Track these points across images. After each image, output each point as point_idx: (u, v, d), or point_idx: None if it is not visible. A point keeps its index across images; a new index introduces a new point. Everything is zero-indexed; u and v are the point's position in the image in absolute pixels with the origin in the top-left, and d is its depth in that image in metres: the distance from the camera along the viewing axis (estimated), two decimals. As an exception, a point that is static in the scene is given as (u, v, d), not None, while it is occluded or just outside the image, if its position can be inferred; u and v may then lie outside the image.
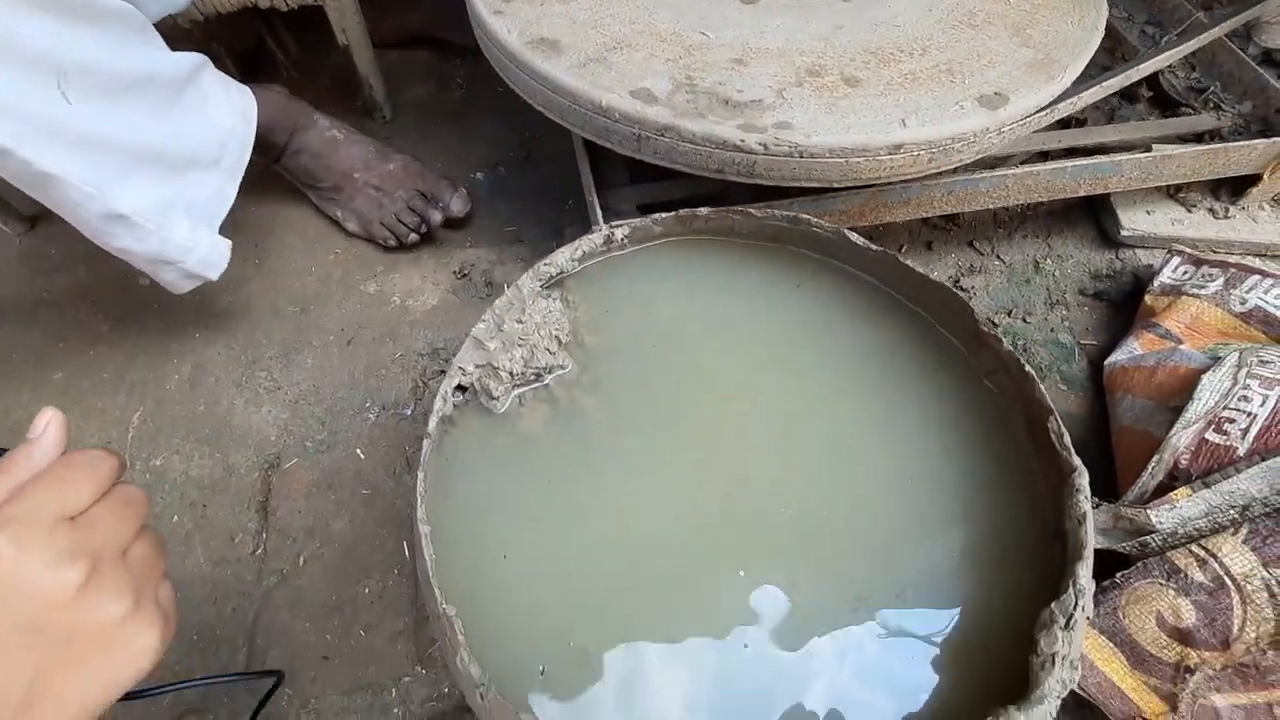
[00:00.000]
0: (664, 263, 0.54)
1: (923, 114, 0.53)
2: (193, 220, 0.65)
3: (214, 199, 0.67)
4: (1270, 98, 0.75)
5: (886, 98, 0.54)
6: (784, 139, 0.52)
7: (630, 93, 0.55)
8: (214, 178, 0.67)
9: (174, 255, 0.64)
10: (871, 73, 0.56)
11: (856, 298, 0.52)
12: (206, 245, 0.66)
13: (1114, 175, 0.70)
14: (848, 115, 0.53)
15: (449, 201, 0.81)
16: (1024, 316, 0.76)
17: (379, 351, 0.75)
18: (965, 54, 0.58)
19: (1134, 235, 0.77)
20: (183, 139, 0.63)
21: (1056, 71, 0.57)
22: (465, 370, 0.45)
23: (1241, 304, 0.66)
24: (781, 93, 0.55)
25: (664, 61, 0.57)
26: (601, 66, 0.57)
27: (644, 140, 0.55)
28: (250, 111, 0.70)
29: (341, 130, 0.81)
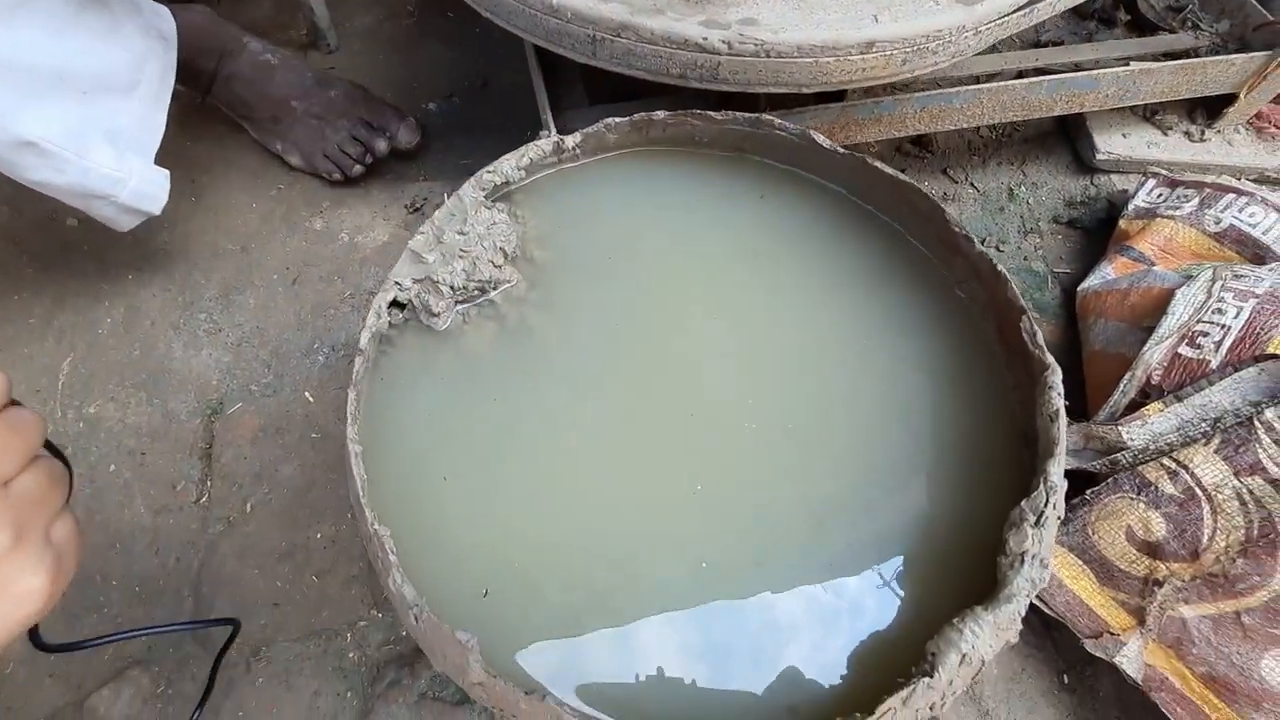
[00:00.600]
0: (620, 175, 0.50)
1: (896, 9, 0.50)
2: (118, 149, 0.60)
3: (140, 127, 0.62)
4: (1248, 15, 0.73)
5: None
6: (749, 36, 0.48)
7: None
8: (133, 104, 0.61)
9: (102, 187, 0.59)
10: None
11: (824, 208, 0.49)
12: (139, 176, 0.61)
13: (1090, 92, 0.67)
14: (817, 10, 0.49)
15: (396, 132, 0.76)
16: (997, 245, 0.75)
17: (327, 291, 0.71)
18: (940, -49, 0.54)
19: (1109, 159, 0.75)
20: (88, 61, 0.57)
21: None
22: (402, 285, 0.42)
23: (1216, 224, 0.65)
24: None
25: (618, -41, 0.53)
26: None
27: (599, 43, 0.51)
28: (169, 32, 0.65)
29: (275, 55, 0.75)
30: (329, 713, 0.54)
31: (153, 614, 0.58)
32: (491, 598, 0.35)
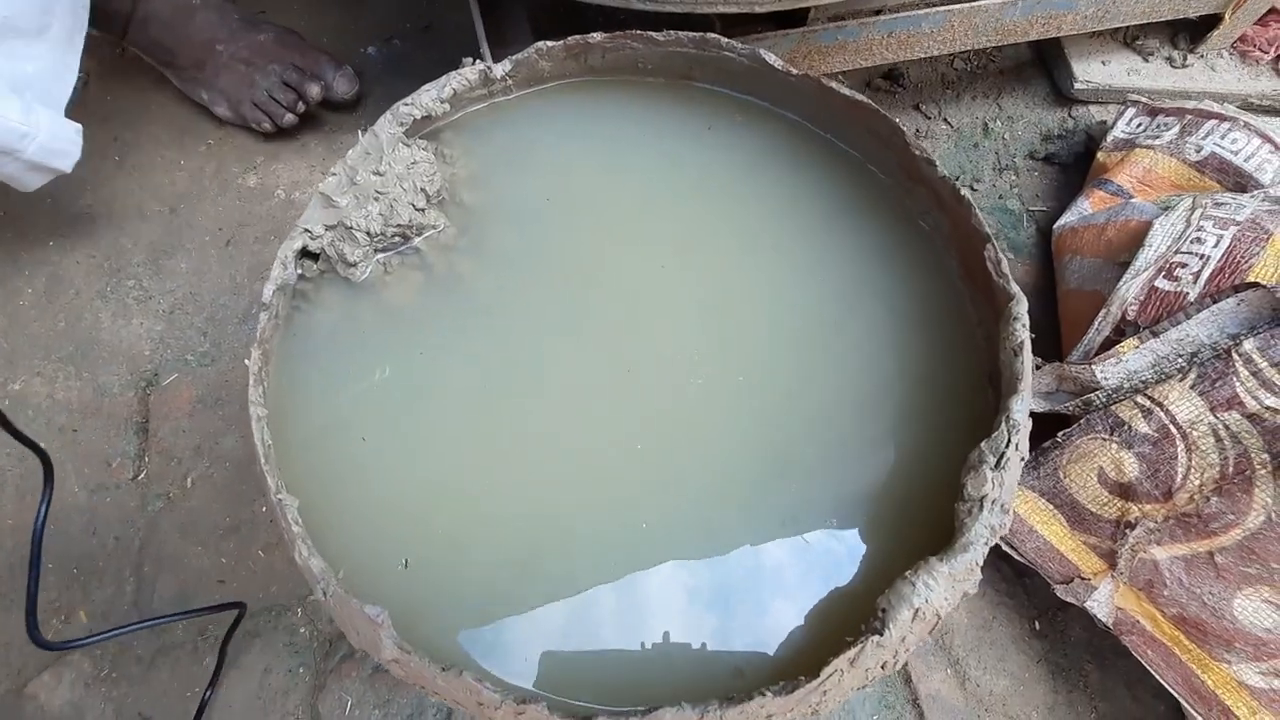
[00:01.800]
0: (557, 110, 0.46)
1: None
2: (24, 100, 0.54)
3: (49, 75, 0.56)
4: (1238, -74, 0.68)
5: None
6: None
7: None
8: (41, 48, 0.55)
9: (6, 141, 0.53)
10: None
11: (776, 138, 0.45)
12: (48, 130, 0.56)
13: (1068, 12, 0.63)
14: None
15: (332, 80, 0.70)
16: (972, 184, 0.71)
17: (263, 252, 0.67)
18: None
19: (1088, 88, 0.71)
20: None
21: None
22: (312, 232, 0.38)
23: (1197, 152, 0.62)
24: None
25: None
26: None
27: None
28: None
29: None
30: (280, 689, 0.52)
31: (93, 597, 0.55)
32: (414, 568, 0.32)
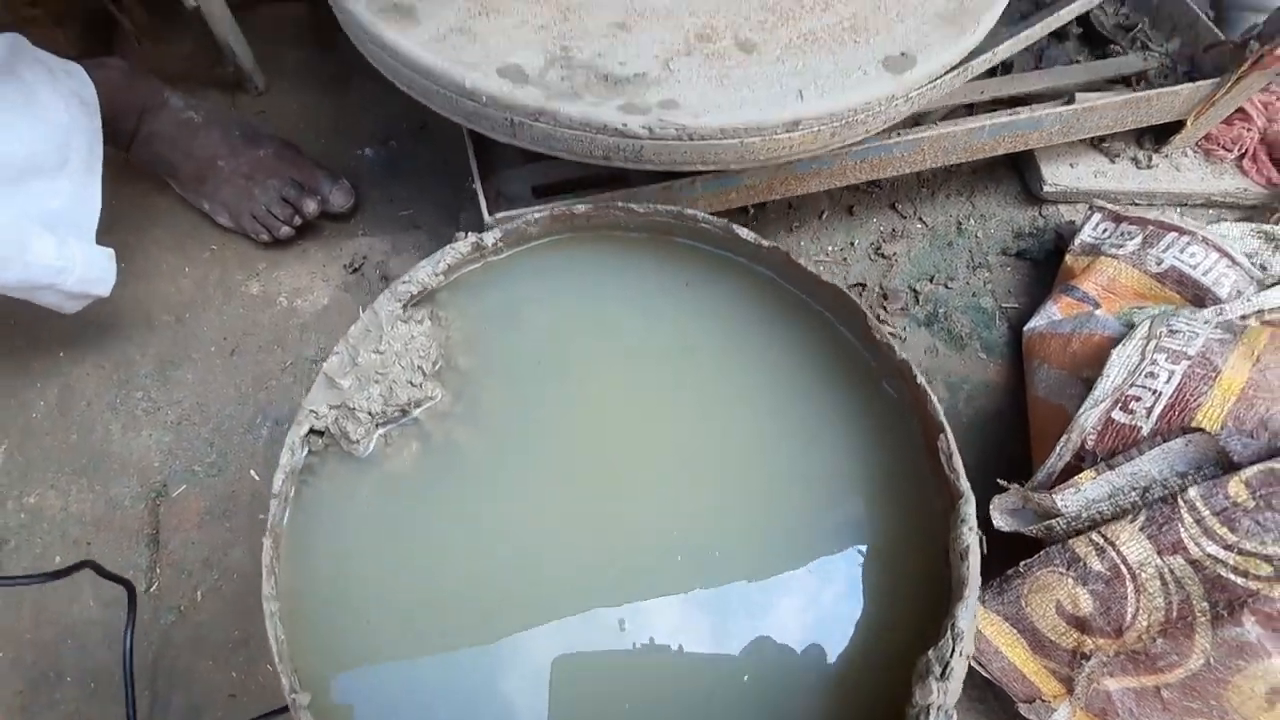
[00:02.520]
0: (545, 266, 0.49)
1: (822, 83, 0.48)
2: (58, 235, 0.57)
3: (75, 207, 0.59)
4: (1199, 35, 0.71)
5: (783, 64, 0.49)
6: (669, 120, 0.46)
7: (498, 70, 0.48)
8: (64, 183, 0.58)
9: (46, 279, 0.57)
10: (768, 34, 0.51)
11: (751, 294, 0.48)
12: (83, 261, 0.59)
13: (1035, 130, 0.66)
14: (740, 88, 0.48)
15: (329, 194, 0.73)
16: (946, 282, 0.74)
17: (267, 361, 0.70)
18: (871, 5, 0.53)
19: (1057, 190, 0.74)
20: (7, 143, 0.54)
21: (969, 23, 0.52)
22: (317, 413, 0.41)
23: (1157, 264, 0.65)
24: (668, 64, 0.49)
25: (536, 29, 0.50)
26: (465, 38, 0.50)
27: (518, 126, 0.49)
28: (89, 96, 0.61)
29: (199, 111, 0.72)
30: (289, 803, 0.55)
31: (109, 713, 0.58)
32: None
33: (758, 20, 0.51)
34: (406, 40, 0.49)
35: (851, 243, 0.75)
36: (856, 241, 0.75)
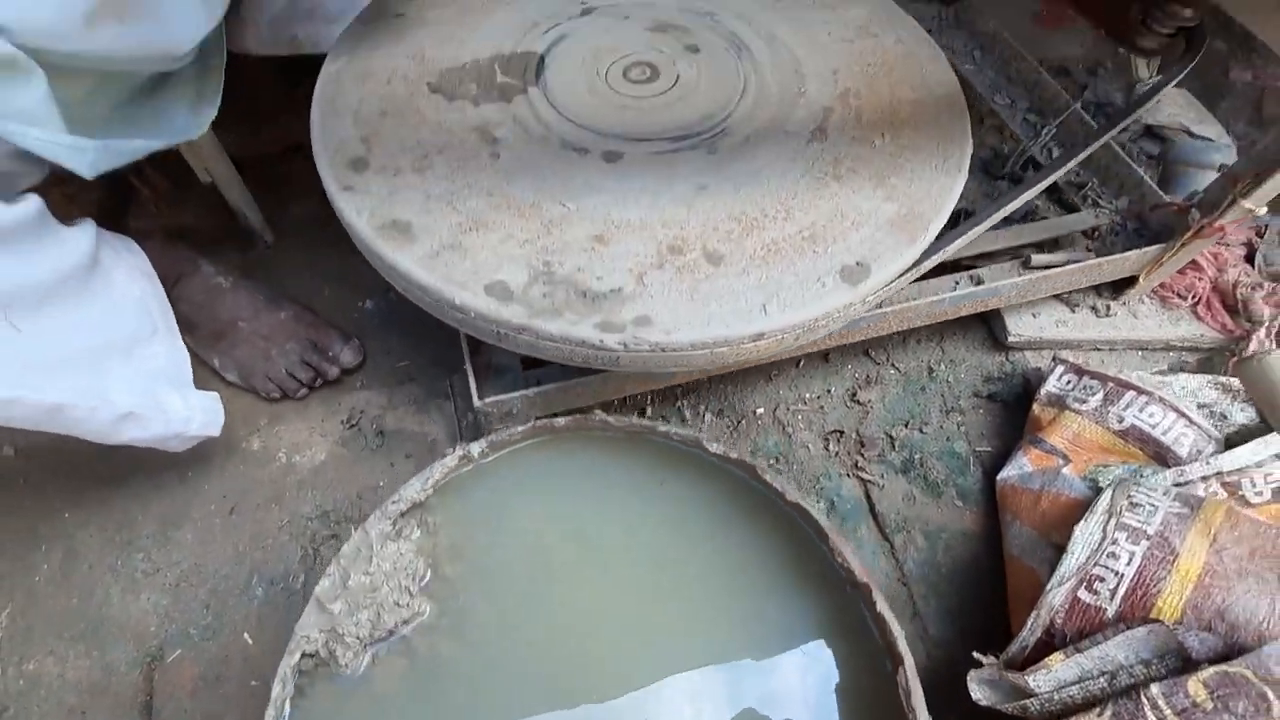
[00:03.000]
0: (529, 468, 0.52)
1: (784, 296, 0.52)
2: (179, 390, 0.66)
3: (174, 362, 0.68)
4: (1145, 194, 0.76)
5: (749, 276, 0.53)
6: (643, 338, 0.50)
7: (485, 288, 0.52)
8: (159, 345, 0.67)
9: (178, 428, 0.64)
10: (734, 245, 0.55)
11: (722, 493, 0.51)
12: (199, 407, 0.66)
13: (994, 296, 0.70)
14: (709, 303, 0.52)
15: (339, 353, 0.78)
16: (920, 427, 0.77)
17: (264, 519, 0.72)
18: (829, 213, 0.57)
19: (1021, 339, 0.78)
20: (114, 320, 0.63)
21: (919, 230, 0.56)
22: (309, 638, 0.43)
23: (1119, 422, 0.68)
24: (642, 278, 0.53)
25: (521, 244, 0.55)
26: (456, 254, 0.54)
27: (504, 336, 0.53)
28: (147, 267, 0.69)
29: (227, 277, 0.77)
30: None
31: None
32: None
33: (725, 230, 0.56)
34: (404, 258, 0.54)
35: (828, 390, 0.79)
36: (833, 389, 0.79)
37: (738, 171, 0.60)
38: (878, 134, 0.62)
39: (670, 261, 0.54)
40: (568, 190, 0.58)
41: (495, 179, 0.59)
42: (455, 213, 0.57)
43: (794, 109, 0.65)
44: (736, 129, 0.63)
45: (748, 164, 0.60)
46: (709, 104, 0.64)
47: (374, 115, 0.64)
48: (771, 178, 0.59)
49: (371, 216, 0.56)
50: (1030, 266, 0.72)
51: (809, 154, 0.61)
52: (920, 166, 0.61)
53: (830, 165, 0.60)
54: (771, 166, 0.60)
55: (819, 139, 0.62)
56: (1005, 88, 0.90)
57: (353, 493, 0.73)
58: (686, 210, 0.57)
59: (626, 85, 0.66)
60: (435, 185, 0.58)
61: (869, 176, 0.60)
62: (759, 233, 0.56)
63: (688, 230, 0.56)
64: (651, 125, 0.63)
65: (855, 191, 0.59)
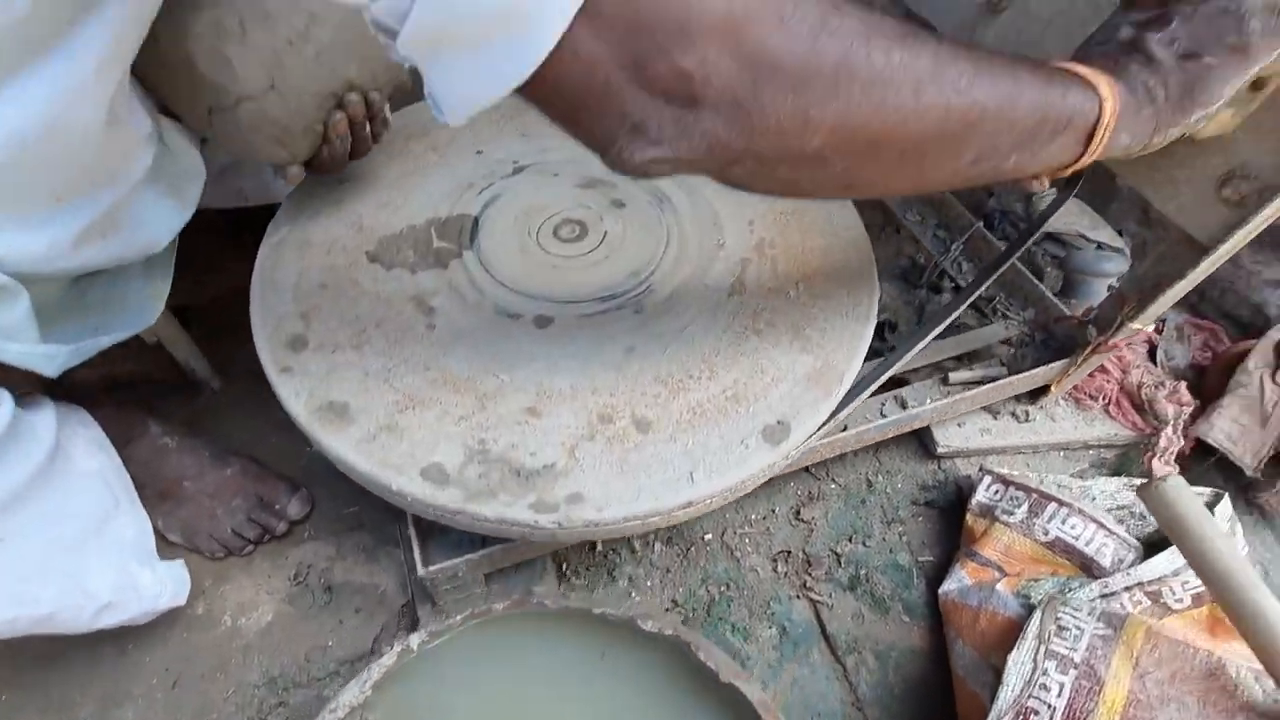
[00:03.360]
0: (469, 650, 0.52)
1: (710, 461, 0.55)
2: (148, 564, 0.66)
3: (140, 533, 0.68)
4: (1048, 307, 0.82)
5: (676, 443, 0.56)
6: (576, 516, 0.52)
7: (421, 472, 0.54)
8: (125, 515, 0.67)
9: (149, 606, 0.65)
10: (661, 409, 0.58)
11: (662, 661, 0.52)
12: (169, 578, 0.68)
13: (914, 420, 0.74)
14: (639, 474, 0.54)
15: (287, 505, 0.78)
16: (864, 540, 0.79)
17: (209, 690, 0.70)
18: (750, 370, 0.61)
19: (949, 449, 0.82)
20: (81, 502, 0.63)
21: (834, 384, 0.60)
22: None
23: (1045, 534, 0.71)
24: (573, 451, 0.55)
25: (457, 420, 0.57)
26: (393, 437, 0.56)
27: (442, 517, 0.54)
28: (99, 436, 0.69)
29: (172, 436, 0.77)
30: None
31: None
32: None
33: (652, 394, 0.59)
34: (340, 443, 0.55)
35: (773, 509, 0.81)
36: (777, 508, 0.81)
37: (664, 330, 0.63)
38: (792, 284, 0.67)
39: (601, 431, 0.56)
40: (501, 360, 0.61)
41: (432, 351, 0.61)
42: (392, 390, 0.59)
43: (714, 262, 0.69)
44: (661, 286, 0.67)
45: (673, 322, 0.64)
46: (635, 261, 0.68)
47: (313, 288, 0.66)
48: (696, 335, 0.63)
49: (309, 399, 0.58)
50: (949, 384, 0.77)
51: (730, 308, 0.65)
52: (832, 315, 0.65)
53: (750, 319, 0.64)
54: (696, 323, 0.64)
55: (738, 292, 0.67)
56: (915, 204, 0.97)
57: (300, 654, 0.72)
58: (616, 375, 0.60)
59: (557, 244, 0.69)
60: (373, 361, 0.60)
61: (786, 329, 0.64)
62: (685, 395, 0.59)
63: (617, 397, 0.59)
64: (581, 286, 0.66)
65: (774, 345, 0.62)
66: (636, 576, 0.76)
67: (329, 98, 0.59)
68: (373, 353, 0.61)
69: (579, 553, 0.76)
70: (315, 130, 0.60)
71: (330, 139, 0.62)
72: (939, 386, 0.77)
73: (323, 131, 0.61)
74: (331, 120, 0.60)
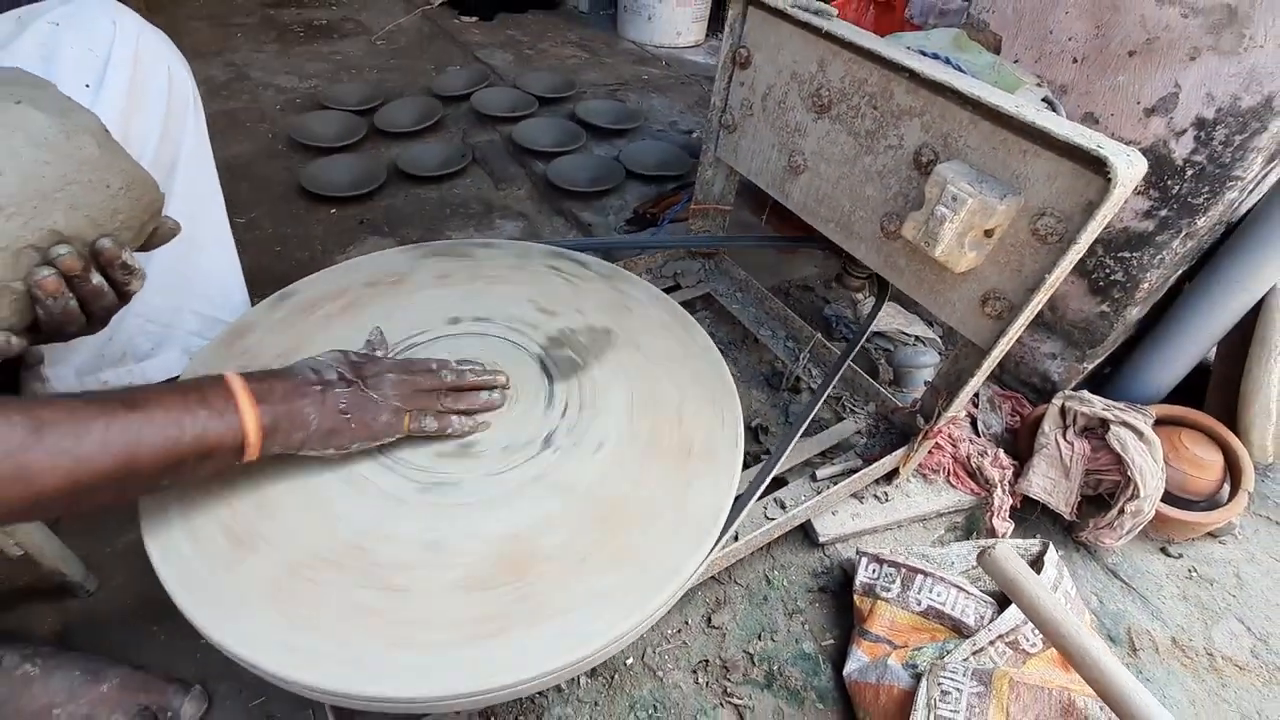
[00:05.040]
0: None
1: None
2: None
3: None
4: (884, 401, 0.97)
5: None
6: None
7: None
8: None
9: None
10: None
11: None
12: None
13: (794, 520, 0.83)
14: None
15: (180, 708, 0.72)
16: (771, 636, 0.86)
17: None
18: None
19: (829, 537, 0.92)
20: None
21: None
22: None
23: (918, 604, 0.81)
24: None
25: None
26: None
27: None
28: None
29: (34, 661, 0.70)
30: None
31: None
32: None
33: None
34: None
35: (686, 621, 0.86)
36: (690, 619, 0.86)
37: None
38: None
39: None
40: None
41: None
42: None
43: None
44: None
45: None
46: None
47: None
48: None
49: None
50: (818, 480, 0.88)
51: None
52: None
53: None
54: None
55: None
56: (767, 321, 1.12)
57: None
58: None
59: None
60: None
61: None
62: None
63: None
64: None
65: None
66: (566, 716, 0.77)
67: (25, 254, 0.53)
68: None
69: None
70: (13, 290, 0.54)
71: (40, 299, 0.55)
72: (810, 484, 0.87)
73: (26, 292, 0.54)
74: (35, 278, 0.54)
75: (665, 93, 2.22)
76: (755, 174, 0.98)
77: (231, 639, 0.54)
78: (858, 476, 0.87)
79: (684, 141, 1.78)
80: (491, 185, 1.62)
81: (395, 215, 1.50)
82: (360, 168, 1.57)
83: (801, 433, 0.82)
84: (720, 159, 1.04)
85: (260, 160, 1.64)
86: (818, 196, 0.90)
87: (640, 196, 1.54)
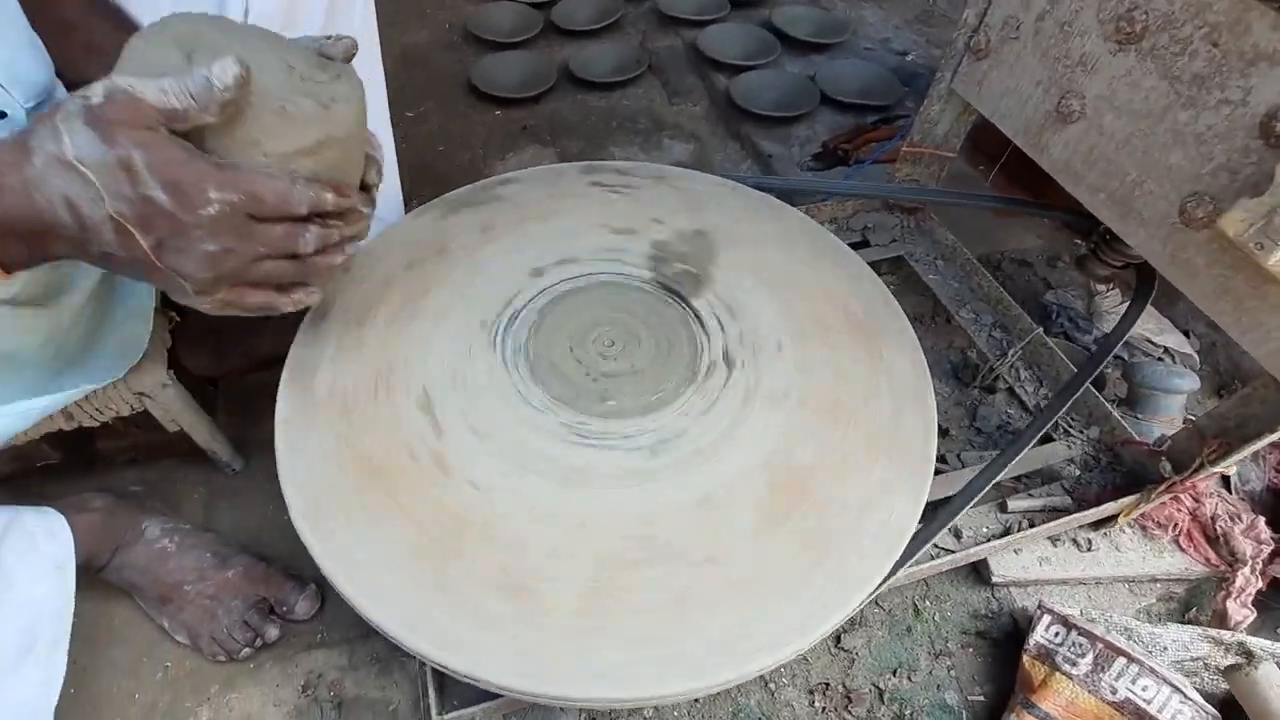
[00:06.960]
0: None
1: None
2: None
3: (42, 690, 0.59)
4: (1114, 428, 0.77)
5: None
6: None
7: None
8: (32, 669, 0.58)
9: None
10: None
11: None
12: None
13: (969, 557, 0.69)
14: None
15: (295, 604, 0.74)
16: (909, 674, 0.74)
17: (208, 814, 0.66)
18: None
19: (1005, 579, 0.76)
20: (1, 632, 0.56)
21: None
22: None
23: (1112, 693, 0.65)
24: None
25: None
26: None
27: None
28: (64, 557, 0.63)
29: (173, 538, 0.74)
30: None
31: None
32: None
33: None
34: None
35: (811, 634, 0.76)
36: (816, 634, 0.76)
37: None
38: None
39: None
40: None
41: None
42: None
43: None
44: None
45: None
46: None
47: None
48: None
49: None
50: (1008, 511, 0.72)
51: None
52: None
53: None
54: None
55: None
56: (970, 300, 0.92)
57: (306, 782, 0.68)
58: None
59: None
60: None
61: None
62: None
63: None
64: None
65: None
66: (663, 708, 0.71)
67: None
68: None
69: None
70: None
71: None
72: (997, 515, 0.71)
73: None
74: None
75: (881, 1, 1.88)
76: (1002, 117, 0.76)
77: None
78: (1063, 521, 0.69)
79: (896, 64, 1.48)
80: (665, 99, 1.46)
81: (559, 124, 1.40)
82: (531, 68, 1.47)
83: (1002, 456, 0.66)
84: (955, 91, 0.82)
85: (436, 51, 1.59)
86: (1091, 156, 0.67)
87: (834, 128, 1.31)
